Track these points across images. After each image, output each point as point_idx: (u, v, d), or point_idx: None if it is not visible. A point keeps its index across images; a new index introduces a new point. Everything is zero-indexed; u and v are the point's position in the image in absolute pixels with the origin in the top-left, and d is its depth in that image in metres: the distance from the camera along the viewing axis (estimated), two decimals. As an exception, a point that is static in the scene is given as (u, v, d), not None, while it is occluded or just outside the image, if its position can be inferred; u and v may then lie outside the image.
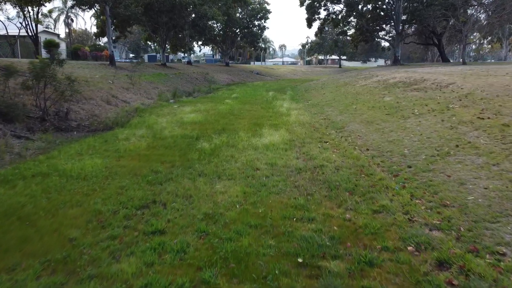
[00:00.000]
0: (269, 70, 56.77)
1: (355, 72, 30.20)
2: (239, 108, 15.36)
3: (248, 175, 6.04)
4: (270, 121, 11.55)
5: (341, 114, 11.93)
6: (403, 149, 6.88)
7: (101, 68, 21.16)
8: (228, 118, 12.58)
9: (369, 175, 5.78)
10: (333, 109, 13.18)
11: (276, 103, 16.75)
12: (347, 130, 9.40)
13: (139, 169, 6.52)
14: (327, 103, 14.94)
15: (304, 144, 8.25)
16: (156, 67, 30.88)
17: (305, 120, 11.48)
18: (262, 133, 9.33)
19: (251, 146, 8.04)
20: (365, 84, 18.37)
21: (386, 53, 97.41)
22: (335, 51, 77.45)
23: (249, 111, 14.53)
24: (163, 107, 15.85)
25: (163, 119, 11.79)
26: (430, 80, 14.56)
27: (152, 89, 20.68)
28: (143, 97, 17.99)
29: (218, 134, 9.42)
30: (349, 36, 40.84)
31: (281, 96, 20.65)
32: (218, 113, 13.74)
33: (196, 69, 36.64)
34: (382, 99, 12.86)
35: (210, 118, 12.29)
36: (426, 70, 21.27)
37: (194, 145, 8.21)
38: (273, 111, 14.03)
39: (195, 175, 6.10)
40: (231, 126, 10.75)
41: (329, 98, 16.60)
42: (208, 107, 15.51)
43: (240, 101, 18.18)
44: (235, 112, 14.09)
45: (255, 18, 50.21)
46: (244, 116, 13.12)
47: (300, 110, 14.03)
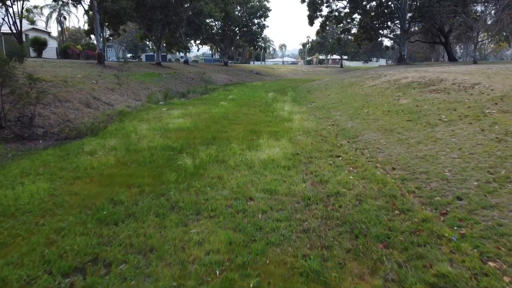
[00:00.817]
0: (268, 70, 55.16)
1: (359, 72, 28.59)
2: (234, 111, 13.74)
3: (238, 209, 4.43)
4: (270, 128, 9.93)
5: (351, 119, 10.31)
6: (442, 170, 5.26)
7: (87, 67, 19.55)
8: (221, 123, 10.97)
9: (405, 212, 4.16)
10: (341, 113, 11.56)
11: (276, 105, 15.13)
12: (362, 140, 7.78)
13: (95, 197, 4.91)
14: (333, 106, 13.32)
15: (311, 159, 6.63)
16: (150, 66, 29.28)
17: (310, 126, 9.85)
18: (260, 145, 7.70)
19: (245, 162, 6.42)
20: (373, 84, 16.76)
21: (388, 53, 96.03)
22: (337, 50, 75.80)
23: (246, 115, 12.91)
24: (151, 110, 14.23)
25: (145, 126, 10.16)
26: (449, 80, 12.96)
27: (142, 89, 19.07)
28: (130, 99, 16.38)
29: (207, 145, 7.80)
30: (352, 35, 39.24)
31: (282, 97, 19.02)
32: (211, 117, 12.12)
33: (193, 68, 35.03)
34: (398, 101, 11.25)
35: (200, 124, 10.67)
36: (439, 69, 19.67)
37: (175, 161, 6.59)
38: (273, 115, 12.41)
39: (166, 209, 4.48)
40: (223, 134, 9.14)
41: (335, 100, 14.98)
42: (201, 110, 13.89)
43: (236, 103, 16.57)
44: (230, 116, 12.47)
45: (254, 16, 48.57)
46: (240, 121, 11.51)
47: (304, 114, 12.41)
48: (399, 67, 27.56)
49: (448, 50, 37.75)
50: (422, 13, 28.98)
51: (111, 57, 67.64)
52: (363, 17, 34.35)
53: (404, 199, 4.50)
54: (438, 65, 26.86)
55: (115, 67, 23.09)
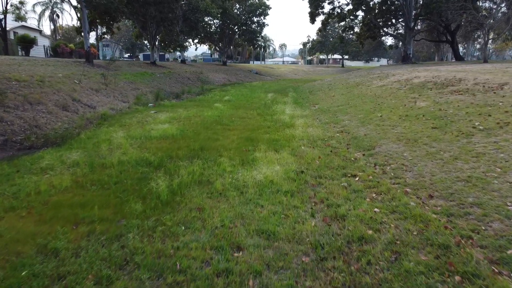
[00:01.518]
0: (268, 69, 53.78)
1: (363, 71, 27.19)
2: (230, 114, 12.34)
3: (219, 269, 3.02)
4: (268, 135, 8.52)
5: (363, 125, 8.89)
6: (501, 201, 3.86)
7: (73, 66, 18.14)
8: (212, 129, 9.56)
9: (471, 279, 2.75)
10: (350, 118, 10.14)
11: (276, 108, 13.72)
12: (380, 153, 6.37)
13: (22, 242, 3.51)
14: (340, 109, 11.91)
15: (320, 179, 5.22)
16: (144, 65, 27.87)
17: (315, 134, 8.44)
18: (256, 159, 6.29)
19: (235, 185, 5.02)
20: (382, 84, 15.36)
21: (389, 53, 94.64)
22: (338, 50, 74.42)
23: (242, 118, 11.51)
24: (137, 113, 12.82)
25: (123, 133, 8.74)
26: (469, 80, 11.58)
27: (131, 90, 17.67)
28: (116, 100, 14.98)
29: (191, 159, 6.40)
30: (354, 34, 37.79)
31: (282, 98, 17.62)
32: (202, 121, 10.72)
33: (189, 68, 33.62)
34: (415, 104, 9.84)
35: (189, 130, 9.26)
36: (451, 68, 18.27)
37: (147, 183, 5.18)
38: (273, 119, 11.01)
39: (115, 268, 3.08)
40: (213, 143, 7.73)
41: (341, 101, 13.57)
42: (192, 113, 12.48)
43: (232, 105, 15.15)
44: (224, 120, 11.07)
45: (253, 14, 47.15)
46: (235, 126, 10.10)
47: (307, 118, 11.00)
48: (405, 66, 26.15)
49: (455, 48, 36.31)
50: (430, 10, 27.54)
51: (108, 56, 66.30)
52: (367, 14, 32.93)
53: (461, 253, 3.08)
54: (447, 64, 25.44)
55: (105, 66, 21.68)
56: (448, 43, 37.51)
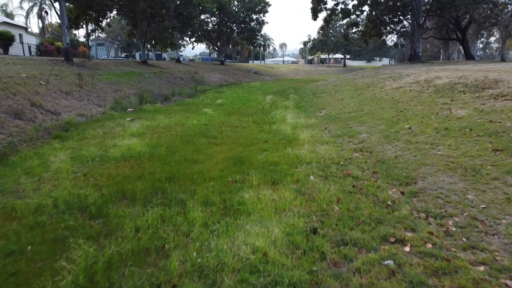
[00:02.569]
0: (268, 69, 51.71)
1: (370, 71, 25.11)
2: (220, 122, 10.27)
3: None
4: (265, 155, 6.46)
5: (388, 140, 6.80)
6: None
7: (47, 65, 16.06)
8: (194, 144, 7.50)
9: None
10: (368, 129, 8.05)
11: (275, 114, 11.65)
12: (428, 191, 4.29)
13: None
14: (353, 116, 9.82)
15: (345, 249, 3.16)
16: (134, 64, 25.81)
17: (327, 154, 6.37)
18: (244, 203, 4.21)
19: (203, 268, 2.95)
20: (398, 86, 13.29)
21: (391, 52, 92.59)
22: (340, 49, 72.35)
23: (234, 128, 9.45)
24: (109, 120, 10.75)
25: (71, 152, 6.67)
26: (509, 82, 9.56)
27: (112, 92, 15.59)
28: (90, 104, 12.90)
29: (148, 202, 4.34)
30: (359, 32, 35.67)
31: (283, 102, 15.55)
32: (184, 133, 8.65)
33: (184, 67, 31.50)
34: (450, 112, 7.76)
35: (163, 147, 7.19)
36: (475, 68, 16.21)
37: (61, 253, 3.12)
38: (271, 130, 8.93)
39: None
40: (189, 169, 5.66)
41: (352, 107, 11.48)
42: (175, 120, 10.41)
43: (225, 110, 13.08)
44: (212, 130, 9.00)
45: (253, 12, 44.96)
46: (223, 139, 8.04)
47: (314, 128, 8.92)
48: (416, 66, 24.07)
49: (465, 47, 34.22)
50: (442, 4, 25.42)
51: (102, 55, 64.14)
52: (373, 10, 30.83)
53: None
54: (461, 63, 23.37)
55: (88, 65, 19.62)
56: (458, 41, 35.43)
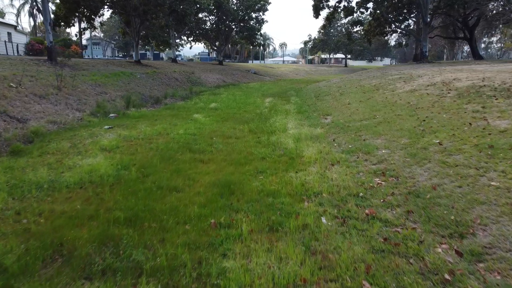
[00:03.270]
0: (268, 69, 50.32)
1: (375, 72, 23.74)
2: (211, 131, 8.88)
3: None
4: (262, 180, 5.07)
5: (416, 161, 5.40)
6: None
7: (26, 65, 14.66)
8: (176, 162, 6.12)
9: None
10: (387, 143, 6.65)
11: (275, 121, 10.27)
12: (500, 254, 2.92)
13: None
14: (365, 126, 8.41)
15: None
16: (125, 64, 24.44)
17: (341, 180, 4.98)
18: (225, 276, 2.83)
19: None
20: (412, 89, 11.91)
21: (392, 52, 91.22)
22: (341, 48, 70.98)
23: (227, 139, 8.06)
24: (84, 129, 9.35)
25: (8, 177, 5.27)
26: (547, 85, 8.19)
27: (95, 95, 14.19)
28: (68, 109, 11.52)
29: (87, 266, 2.95)
30: (363, 30, 34.22)
31: (283, 105, 14.16)
32: (166, 146, 7.25)
33: (180, 67, 30.10)
34: (487, 123, 6.37)
35: (136, 166, 5.81)
36: (494, 68, 14.81)
37: None
38: (270, 143, 7.55)
39: None
40: (160, 204, 4.27)
41: (363, 113, 10.07)
42: (159, 129, 9.02)
43: (218, 115, 11.68)
44: (200, 142, 7.62)
45: (252, 10, 43.57)
46: (212, 155, 6.65)
47: (320, 141, 7.52)
48: (424, 66, 22.66)
49: (473, 46, 32.78)
50: (452, 1, 24.02)
51: (98, 55, 62.69)
52: (377, 8, 29.42)
53: None
54: (474, 63, 21.98)
55: (74, 65, 18.25)
56: (466, 40, 34.00)
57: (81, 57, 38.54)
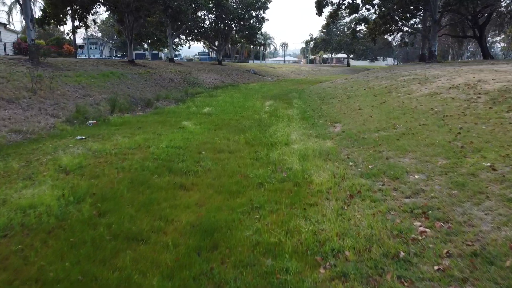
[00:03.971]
0: (268, 69, 48.90)
1: (382, 72, 22.31)
2: (200, 144, 7.48)
3: None
4: (258, 226, 3.67)
5: (468, 195, 4.00)
6: None
7: (3, 65, 13.29)
8: (148, 190, 4.72)
9: None
10: (418, 164, 5.23)
11: (276, 130, 8.86)
12: None
13: None
14: (384, 137, 7.00)
15: None
16: (117, 64, 23.06)
17: (368, 225, 3.58)
18: None
19: None
20: (431, 92, 10.50)
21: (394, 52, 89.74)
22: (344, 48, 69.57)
23: (218, 154, 6.66)
24: (52, 140, 7.96)
25: None
26: None
27: (77, 98, 12.81)
28: (40, 115, 10.14)
29: None
30: (368, 28, 32.76)
31: (285, 110, 12.76)
32: (140, 166, 5.85)
33: (176, 67, 28.69)
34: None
35: (95, 195, 4.43)
36: None
37: None
38: (270, 160, 6.14)
39: None
40: (106, 271, 2.88)
41: (379, 120, 8.64)
42: (139, 140, 7.61)
43: (212, 122, 10.27)
44: (186, 160, 6.22)
45: (252, 8, 42.13)
46: (196, 179, 5.25)
47: (332, 159, 6.10)
48: (435, 66, 21.21)
49: (484, 45, 31.36)
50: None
51: (96, 55, 61.32)
52: (384, 5, 27.99)
53: None
54: (489, 63, 20.54)
55: (57, 65, 16.89)
56: (476, 39, 32.56)
57: (74, 56, 37.13)
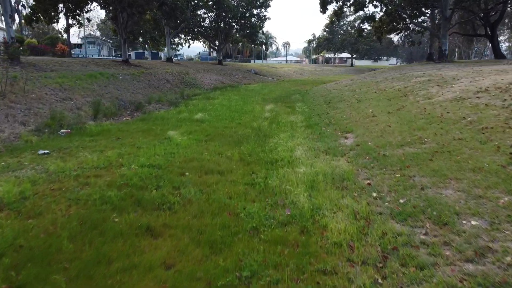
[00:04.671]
0: (270, 69, 47.50)
1: (390, 72, 20.90)
2: (183, 161, 6.12)
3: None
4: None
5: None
6: None
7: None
8: (95, 242, 3.35)
9: None
10: (470, 200, 3.89)
11: (277, 143, 7.49)
12: None
13: None
14: (413, 156, 5.61)
15: None
16: (110, 64, 21.74)
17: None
18: None
19: None
20: (455, 97, 9.10)
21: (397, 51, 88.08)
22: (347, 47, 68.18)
23: (204, 177, 5.30)
24: (8, 155, 6.62)
25: None
26: None
27: (56, 102, 11.48)
28: (5, 123, 8.78)
29: None
30: (373, 27, 31.32)
31: (287, 116, 11.39)
32: (102, 195, 4.50)
33: (173, 67, 27.35)
34: None
35: (7, 259, 3.10)
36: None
37: None
38: (268, 188, 4.79)
39: None
40: None
41: (400, 132, 7.25)
42: (111, 157, 6.27)
43: (203, 132, 8.90)
44: (159, 186, 4.87)
45: (253, 6, 40.75)
46: (170, 220, 3.89)
47: (349, 187, 4.73)
48: (448, 66, 19.76)
49: (496, 44, 29.89)
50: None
51: (94, 54, 60.05)
52: (391, 1, 26.56)
53: None
54: (507, 63, 19.11)
55: (40, 65, 15.61)
56: (487, 38, 31.07)
57: (69, 56, 35.87)
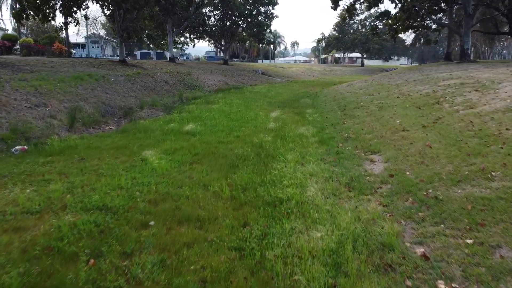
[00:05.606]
0: (278, 69, 45.65)
1: (410, 74, 18.92)
2: (154, 199, 4.38)
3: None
4: None
5: None
6: None
7: None
8: None
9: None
10: None
11: (283, 169, 5.71)
12: None
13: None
14: (480, 201, 3.83)
15: None
16: (103, 65, 20.20)
17: None
18: None
19: None
20: (507, 106, 7.21)
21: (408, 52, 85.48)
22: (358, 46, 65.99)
23: (177, 230, 3.54)
24: None
25: None
26: None
27: (24, 109, 9.84)
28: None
29: None
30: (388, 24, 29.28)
31: (296, 127, 9.57)
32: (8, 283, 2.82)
33: (175, 68, 25.71)
34: None
35: None
36: None
37: None
38: (265, 265, 3.03)
39: None
40: None
41: (449, 157, 5.42)
42: (55, 193, 4.57)
43: (190, 150, 7.13)
44: (99, 253, 3.13)
45: (260, 4, 38.99)
46: None
47: (398, 269, 2.96)
48: (475, 66, 17.72)
49: (521, 43, 27.63)
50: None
51: (97, 54, 58.90)
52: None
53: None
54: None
55: (21, 65, 14.09)
56: (511, 36, 28.85)
57: (69, 55, 34.52)
